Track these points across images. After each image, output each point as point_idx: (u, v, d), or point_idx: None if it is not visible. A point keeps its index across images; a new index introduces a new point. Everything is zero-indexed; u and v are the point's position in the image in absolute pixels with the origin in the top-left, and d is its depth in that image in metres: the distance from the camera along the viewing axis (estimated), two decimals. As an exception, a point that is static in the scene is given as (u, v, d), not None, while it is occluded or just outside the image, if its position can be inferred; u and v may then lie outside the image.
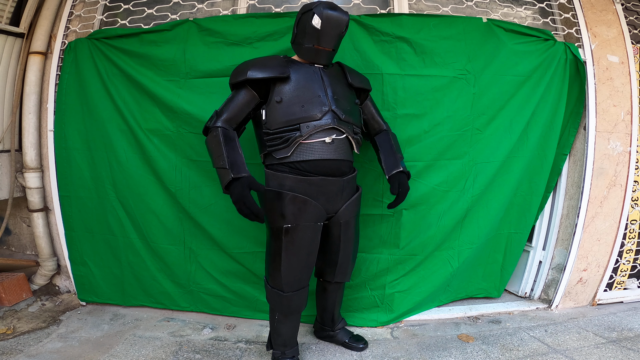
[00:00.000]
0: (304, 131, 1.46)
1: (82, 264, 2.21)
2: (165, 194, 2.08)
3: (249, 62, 1.53)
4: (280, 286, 1.54)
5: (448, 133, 2.00)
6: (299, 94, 1.49)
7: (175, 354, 1.79)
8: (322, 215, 1.53)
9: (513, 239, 2.24)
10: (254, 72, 1.47)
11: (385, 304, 2.08)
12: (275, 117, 1.48)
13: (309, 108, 1.48)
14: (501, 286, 2.35)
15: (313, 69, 1.56)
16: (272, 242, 1.53)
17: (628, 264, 2.34)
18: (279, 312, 1.59)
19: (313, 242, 1.53)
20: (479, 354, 1.80)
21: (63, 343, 1.86)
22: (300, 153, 1.47)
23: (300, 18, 1.54)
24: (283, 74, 1.48)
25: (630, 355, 1.75)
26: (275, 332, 1.64)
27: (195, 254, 2.11)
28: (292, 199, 1.46)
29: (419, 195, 2.01)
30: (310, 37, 1.50)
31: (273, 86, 1.49)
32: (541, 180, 2.19)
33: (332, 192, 1.53)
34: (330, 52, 1.55)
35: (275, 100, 1.48)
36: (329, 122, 1.49)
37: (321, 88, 1.53)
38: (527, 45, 2.04)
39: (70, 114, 2.11)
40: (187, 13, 2.16)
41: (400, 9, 2.10)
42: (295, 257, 1.51)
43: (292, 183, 1.47)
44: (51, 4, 2.17)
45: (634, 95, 2.17)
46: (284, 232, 1.47)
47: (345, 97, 1.59)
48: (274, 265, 1.53)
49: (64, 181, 2.16)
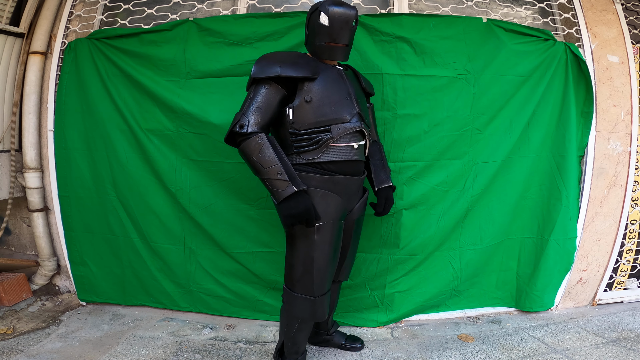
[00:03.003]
0: (335, 133, 1.44)
1: (82, 264, 2.21)
2: (166, 194, 2.08)
3: (275, 57, 1.47)
4: (311, 291, 1.46)
5: (448, 133, 2.00)
6: (329, 95, 1.46)
7: (175, 354, 1.79)
8: (344, 213, 1.53)
9: (527, 243, 2.17)
10: (286, 70, 1.41)
11: (385, 304, 2.07)
12: (304, 117, 1.43)
13: (339, 109, 1.46)
14: (520, 296, 2.17)
15: (336, 70, 1.55)
16: (301, 244, 1.45)
17: (628, 264, 2.34)
18: (305, 320, 1.51)
19: (339, 239, 1.52)
20: (479, 354, 1.80)
21: (63, 343, 1.86)
22: (327, 154, 1.45)
23: (309, 19, 1.53)
24: (315, 74, 1.45)
25: (630, 355, 1.75)
26: (291, 341, 1.56)
27: (195, 254, 2.11)
28: (324, 196, 1.44)
29: (419, 195, 2.01)
30: (321, 35, 1.46)
31: (301, 84, 1.44)
32: (557, 183, 2.10)
33: (352, 191, 1.54)
34: (345, 48, 1.51)
35: (305, 99, 1.43)
36: (357, 124, 1.49)
37: (346, 89, 1.52)
38: (527, 45, 2.04)
39: (70, 114, 2.11)
40: (187, 13, 2.16)
41: (400, 9, 2.10)
42: (326, 256, 1.47)
43: (318, 183, 1.44)
44: (51, 4, 2.17)
45: (634, 95, 2.17)
46: (316, 231, 1.42)
47: (362, 101, 1.61)
48: (304, 269, 1.45)
49: (64, 181, 2.16)
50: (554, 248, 2.12)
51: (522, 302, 2.19)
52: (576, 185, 2.14)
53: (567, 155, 2.09)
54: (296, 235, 1.45)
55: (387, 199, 1.69)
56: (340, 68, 1.58)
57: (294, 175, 1.36)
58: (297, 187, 1.34)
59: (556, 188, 2.11)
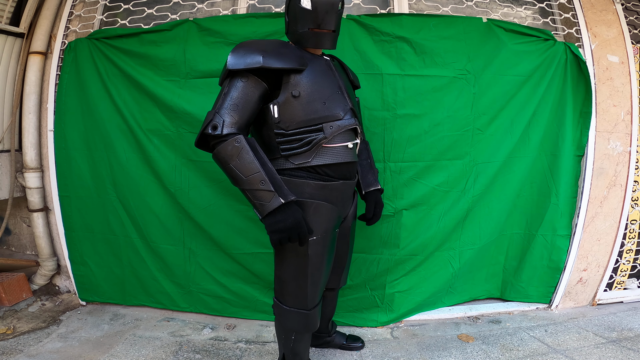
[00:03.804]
0: (328, 132, 1.28)
1: (82, 264, 2.21)
2: (165, 194, 2.08)
3: (255, 45, 1.27)
4: (304, 305, 1.34)
5: (448, 133, 2.00)
6: (319, 89, 1.29)
7: (175, 354, 1.79)
8: (339, 221, 1.41)
9: (515, 238, 2.22)
10: (270, 60, 1.21)
11: (386, 304, 2.08)
12: (292, 115, 1.26)
13: (331, 105, 1.30)
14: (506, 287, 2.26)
15: (324, 60, 1.38)
16: (292, 260, 1.31)
17: (628, 264, 2.34)
18: (300, 332, 1.40)
19: (333, 250, 1.40)
20: (479, 354, 1.80)
21: (63, 343, 1.86)
22: (320, 157, 1.29)
23: (288, 5, 1.35)
24: (302, 65, 1.27)
25: (630, 355, 1.75)
26: (292, 353, 1.45)
27: (195, 255, 2.11)
28: (317, 208, 1.28)
29: (420, 196, 2.01)
30: (305, 21, 1.29)
31: (287, 77, 1.26)
32: (547, 181, 2.14)
33: (347, 196, 1.42)
34: (333, 34, 1.33)
35: (292, 94, 1.25)
36: (352, 122, 1.33)
37: (336, 83, 1.36)
38: (527, 45, 2.04)
39: (70, 114, 2.11)
40: (187, 13, 2.16)
41: (400, 9, 2.10)
42: (321, 270, 1.35)
43: (313, 190, 1.28)
44: (51, 4, 2.17)
45: (634, 95, 2.17)
46: (309, 246, 1.28)
47: (352, 95, 1.47)
48: (296, 285, 1.33)
49: (64, 181, 2.16)
50: (541, 242, 2.18)
51: (507, 292, 2.27)
52: (571, 184, 2.15)
53: (560, 154, 2.11)
54: (286, 249, 1.30)
55: (376, 202, 1.57)
56: (328, 59, 1.42)
57: (279, 184, 1.17)
58: (285, 198, 1.15)
59: (546, 185, 2.15)
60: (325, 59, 1.41)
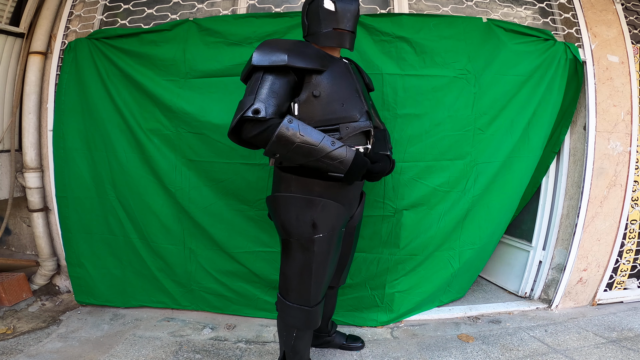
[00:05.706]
0: (343, 133, 1.32)
1: (79, 266, 2.19)
2: (165, 194, 2.08)
3: (280, 44, 1.32)
4: (307, 302, 1.38)
5: (449, 133, 2.00)
6: (337, 90, 1.34)
7: (175, 354, 1.79)
8: (346, 221, 1.44)
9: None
10: (294, 59, 1.27)
11: (386, 303, 2.08)
12: (311, 114, 1.30)
13: (348, 107, 1.35)
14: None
15: (343, 63, 1.43)
16: (297, 256, 1.35)
17: (628, 264, 2.34)
18: (301, 329, 1.44)
19: (338, 249, 1.44)
20: (479, 354, 1.80)
21: (63, 343, 1.86)
22: None
23: (308, 9, 1.42)
24: (324, 66, 1.32)
25: (630, 355, 1.75)
26: (293, 351, 1.48)
27: (195, 254, 2.11)
28: (325, 206, 1.32)
29: (420, 196, 2.01)
30: (327, 21, 1.35)
31: (309, 77, 1.31)
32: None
33: (354, 196, 1.46)
34: (352, 35, 1.40)
35: (313, 94, 1.30)
36: (367, 124, 1.38)
37: (354, 85, 1.41)
38: (527, 45, 2.04)
39: (69, 114, 2.11)
40: (187, 13, 2.16)
41: (400, 8, 2.10)
42: (325, 268, 1.38)
43: (322, 189, 1.32)
44: (51, 4, 2.17)
45: (634, 95, 2.17)
46: (315, 243, 1.33)
47: (368, 98, 1.52)
48: (300, 281, 1.37)
49: (62, 182, 2.15)
50: None
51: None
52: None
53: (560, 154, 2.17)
54: (293, 246, 1.36)
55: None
56: (347, 62, 1.48)
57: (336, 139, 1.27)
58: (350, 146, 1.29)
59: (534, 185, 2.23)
60: (344, 61, 1.45)
